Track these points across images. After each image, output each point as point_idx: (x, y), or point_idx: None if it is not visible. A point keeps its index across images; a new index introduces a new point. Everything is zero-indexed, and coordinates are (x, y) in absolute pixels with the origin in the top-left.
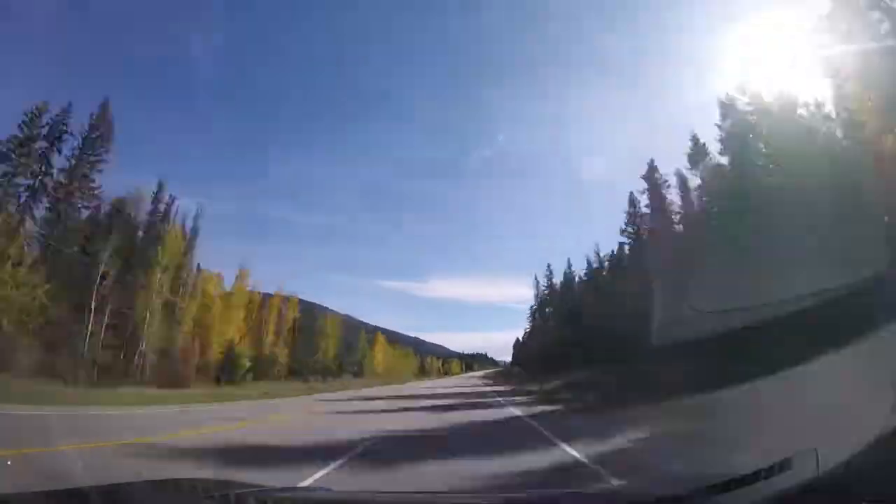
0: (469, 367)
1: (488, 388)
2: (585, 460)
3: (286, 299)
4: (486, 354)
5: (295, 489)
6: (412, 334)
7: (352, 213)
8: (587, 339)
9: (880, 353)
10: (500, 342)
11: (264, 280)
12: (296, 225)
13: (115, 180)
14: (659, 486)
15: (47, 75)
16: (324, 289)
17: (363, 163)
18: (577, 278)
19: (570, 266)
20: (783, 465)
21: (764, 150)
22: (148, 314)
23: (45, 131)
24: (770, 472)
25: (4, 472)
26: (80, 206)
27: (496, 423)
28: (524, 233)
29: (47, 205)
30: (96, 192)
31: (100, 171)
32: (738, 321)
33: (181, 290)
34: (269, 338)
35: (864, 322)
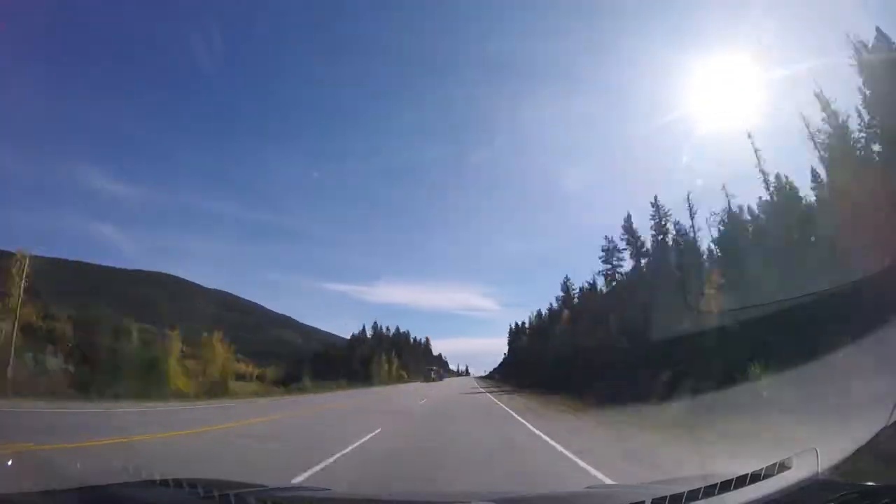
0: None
1: None
2: None
3: None
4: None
5: (295, 489)
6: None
7: (296, 212)
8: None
9: None
10: (453, 349)
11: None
12: (233, 220)
13: None
14: (658, 486)
15: None
16: (260, 288)
17: (311, 162)
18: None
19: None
20: (783, 465)
21: None
22: None
23: None
24: (770, 471)
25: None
26: None
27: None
28: (479, 241)
29: None
30: None
31: None
32: None
33: None
34: None
35: None
